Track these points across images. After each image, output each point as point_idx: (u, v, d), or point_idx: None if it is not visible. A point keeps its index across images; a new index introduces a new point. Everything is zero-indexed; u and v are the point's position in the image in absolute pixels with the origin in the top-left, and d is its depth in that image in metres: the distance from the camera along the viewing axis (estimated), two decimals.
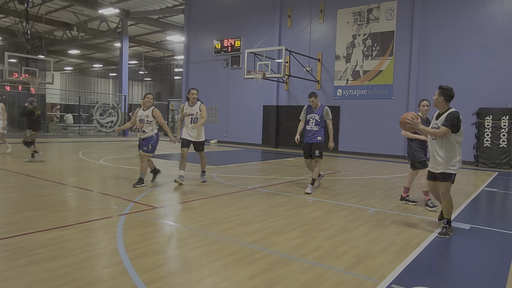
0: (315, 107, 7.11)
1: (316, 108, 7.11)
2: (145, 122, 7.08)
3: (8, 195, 5.95)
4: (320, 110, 7.09)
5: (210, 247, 3.87)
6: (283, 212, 5.47)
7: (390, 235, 4.52)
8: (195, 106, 7.44)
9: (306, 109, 7.22)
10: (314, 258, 3.67)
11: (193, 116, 7.38)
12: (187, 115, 7.42)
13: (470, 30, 13.59)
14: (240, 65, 19.65)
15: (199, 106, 7.41)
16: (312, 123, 7.08)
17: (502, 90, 12.91)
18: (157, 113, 7.12)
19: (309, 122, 7.13)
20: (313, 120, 7.08)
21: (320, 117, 7.04)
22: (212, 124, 21.32)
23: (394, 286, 3.09)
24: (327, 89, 17.02)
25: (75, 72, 44.80)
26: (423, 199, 6.38)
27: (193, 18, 22.02)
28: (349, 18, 16.32)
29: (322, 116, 7.05)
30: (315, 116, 7.07)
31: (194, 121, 7.36)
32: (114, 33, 25.11)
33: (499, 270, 3.61)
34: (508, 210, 6.64)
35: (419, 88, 14.55)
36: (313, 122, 7.08)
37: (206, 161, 8.04)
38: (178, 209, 5.59)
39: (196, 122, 7.30)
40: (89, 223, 4.58)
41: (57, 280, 2.98)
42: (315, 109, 7.11)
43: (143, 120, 7.09)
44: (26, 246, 3.70)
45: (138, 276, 3.09)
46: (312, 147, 7.08)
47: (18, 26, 23.64)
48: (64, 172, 8.83)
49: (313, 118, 7.09)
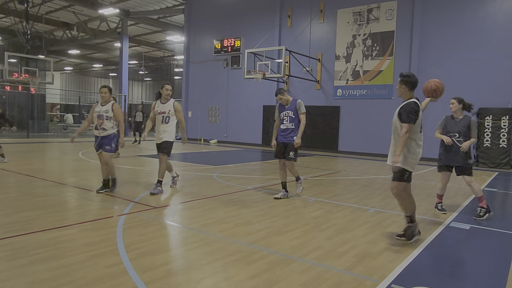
0: (287, 104, 6.44)
1: (288, 104, 6.41)
2: (105, 118, 6.27)
3: (8, 195, 5.95)
4: (292, 105, 6.38)
5: (210, 247, 3.87)
6: (283, 212, 5.47)
7: (390, 235, 4.51)
8: (168, 103, 6.60)
9: (278, 107, 6.54)
10: (314, 258, 3.67)
11: (164, 114, 6.57)
12: (158, 113, 6.61)
13: (470, 30, 13.59)
14: (240, 65, 19.65)
15: (172, 104, 6.60)
16: (287, 121, 6.41)
17: (502, 90, 12.91)
18: (117, 108, 6.34)
19: (283, 121, 6.46)
20: (287, 117, 6.40)
21: (294, 113, 6.36)
22: (212, 124, 21.32)
23: (394, 286, 3.09)
24: (327, 89, 17.02)
25: (75, 72, 44.80)
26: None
27: (193, 18, 22.02)
28: (349, 18, 16.32)
29: (296, 111, 6.38)
30: (289, 112, 6.39)
31: (166, 120, 6.58)
32: (114, 33, 25.12)
33: (499, 270, 3.61)
34: (508, 210, 6.64)
35: (419, 88, 14.53)
36: (287, 120, 6.40)
37: None
38: (178, 209, 5.59)
39: (168, 122, 6.57)
40: (89, 223, 4.58)
41: (57, 280, 2.98)
42: (287, 105, 6.42)
43: (102, 116, 6.28)
44: (26, 246, 3.70)
45: (138, 276, 3.09)
46: (287, 148, 6.36)
47: (18, 26, 23.63)
48: (64, 172, 8.83)
49: (287, 115, 6.41)
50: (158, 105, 6.63)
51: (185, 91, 22.55)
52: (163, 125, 6.58)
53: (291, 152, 6.31)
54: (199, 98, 21.91)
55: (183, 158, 12.75)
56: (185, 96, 22.54)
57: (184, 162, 11.56)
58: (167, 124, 6.57)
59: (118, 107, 6.39)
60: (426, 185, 8.44)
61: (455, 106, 5.78)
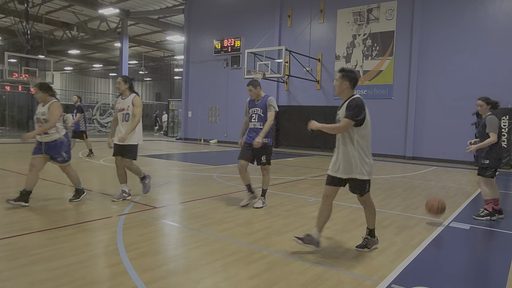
0: (257, 99, 5.60)
1: (259, 100, 5.58)
2: (42, 121, 5.32)
3: (8, 195, 5.94)
4: (262, 102, 5.54)
5: (210, 247, 3.87)
6: (283, 212, 5.46)
7: (390, 235, 4.51)
8: (127, 99, 5.77)
9: (248, 102, 5.73)
10: (314, 258, 3.67)
11: (124, 111, 5.75)
12: (119, 110, 5.82)
13: (470, 30, 13.60)
14: (240, 65, 19.64)
15: (131, 100, 5.73)
16: (255, 119, 5.56)
17: (502, 90, 12.90)
18: (53, 109, 5.30)
19: (252, 119, 5.61)
20: (256, 115, 5.55)
21: (264, 111, 5.51)
22: (212, 124, 21.32)
23: (394, 286, 3.09)
24: (327, 89, 17.02)
25: (75, 72, 44.83)
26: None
27: (193, 18, 22.03)
28: (349, 18, 16.32)
29: (266, 110, 5.52)
30: (257, 110, 5.54)
31: (126, 118, 5.73)
32: (114, 33, 25.13)
33: (499, 270, 3.61)
34: (508, 210, 6.63)
35: (419, 88, 14.56)
36: (255, 118, 5.56)
37: None
38: (178, 209, 5.59)
39: (128, 120, 5.73)
40: (89, 223, 4.58)
41: (57, 280, 2.98)
42: (258, 101, 5.59)
43: (39, 120, 5.35)
44: (26, 246, 3.70)
45: (138, 276, 3.09)
46: (258, 152, 5.53)
47: (18, 26, 23.65)
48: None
49: (256, 112, 5.56)
50: (119, 102, 5.89)
51: (185, 91, 22.55)
52: (124, 123, 5.76)
53: (263, 156, 5.53)
54: (199, 98, 21.91)
55: (183, 158, 12.75)
56: (185, 96, 22.54)
57: (184, 162, 11.56)
58: (127, 123, 5.73)
59: (55, 106, 5.33)
60: (426, 185, 8.44)
61: (484, 108, 5.61)
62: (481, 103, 5.56)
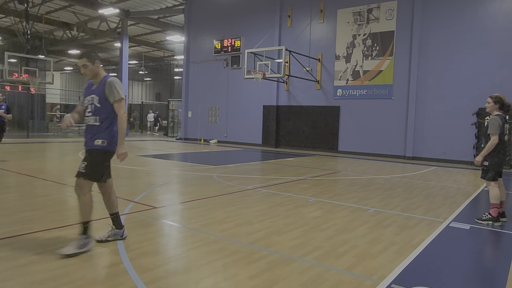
0: (95, 81, 3.86)
1: (96, 84, 3.84)
2: None
3: (8, 195, 5.95)
4: (100, 86, 3.80)
5: (210, 247, 3.87)
6: (283, 212, 5.47)
7: (390, 235, 4.51)
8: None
9: (86, 87, 3.98)
10: (314, 258, 3.67)
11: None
12: None
13: (470, 30, 13.59)
14: (240, 65, 19.65)
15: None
16: (90, 112, 3.80)
17: (502, 90, 12.89)
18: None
19: (86, 111, 3.84)
20: (92, 106, 3.79)
21: (101, 100, 3.77)
22: (212, 124, 21.32)
23: (394, 286, 3.09)
24: (327, 89, 17.02)
25: (75, 72, 44.77)
26: None
27: (193, 18, 22.03)
28: (349, 18, 16.32)
29: (105, 97, 3.76)
30: (94, 98, 3.79)
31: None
32: (114, 33, 25.12)
33: (499, 270, 3.61)
34: (508, 210, 6.63)
35: (419, 88, 14.56)
36: (90, 110, 3.80)
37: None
38: (178, 209, 5.59)
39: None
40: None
41: (57, 280, 2.98)
42: (95, 85, 3.85)
43: None
44: (26, 246, 3.70)
45: (138, 276, 3.09)
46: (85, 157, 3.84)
47: (18, 26, 23.64)
48: (64, 172, 8.83)
49: (91, 102, 3.80)
50: None
51: (185, 91, 22.55)
52: None
53: (82, 163, 3.76)
54: (199, 98, 21.91)
55: (183, 158, 12.75)
56: (185, 96, 22.54)
57: (184, 162, 11.56)
58: None
59: None
60: (426, 185, 8.44)
61: (490, 106, 5.25)
62: (488, 100, 5.26)
